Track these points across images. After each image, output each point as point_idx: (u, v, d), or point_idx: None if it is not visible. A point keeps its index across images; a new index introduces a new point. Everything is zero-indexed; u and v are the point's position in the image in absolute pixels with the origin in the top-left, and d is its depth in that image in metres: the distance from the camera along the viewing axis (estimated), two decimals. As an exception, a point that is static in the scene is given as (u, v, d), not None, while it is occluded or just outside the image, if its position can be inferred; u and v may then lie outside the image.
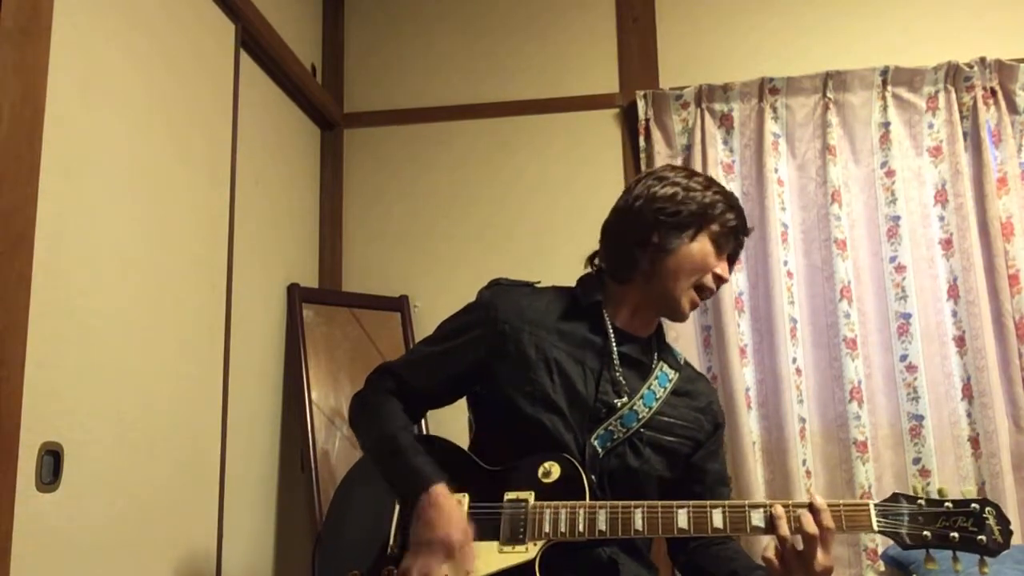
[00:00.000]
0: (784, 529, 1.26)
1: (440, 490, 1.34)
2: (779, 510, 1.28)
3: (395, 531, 1.43)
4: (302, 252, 2.76)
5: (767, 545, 1.29)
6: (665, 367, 1.51)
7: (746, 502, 1.31)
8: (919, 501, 1.27)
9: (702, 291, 1.47)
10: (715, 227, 1.44)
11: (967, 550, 1.23)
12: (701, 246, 1.44)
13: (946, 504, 1.25)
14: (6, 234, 1.38)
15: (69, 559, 1.51)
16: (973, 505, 1.24)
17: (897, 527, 1.25)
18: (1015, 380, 2.49)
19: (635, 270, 1.47)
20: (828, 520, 1.25)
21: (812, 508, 1.27)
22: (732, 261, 1.51)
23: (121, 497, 1.67)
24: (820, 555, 1.24)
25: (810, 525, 1.25)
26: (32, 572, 1.40)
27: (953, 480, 2.48)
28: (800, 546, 1.25)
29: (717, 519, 1.30)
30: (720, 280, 1.47)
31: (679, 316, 1.50)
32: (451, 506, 1.33)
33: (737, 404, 2.54)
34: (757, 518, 1.29)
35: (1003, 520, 1.23)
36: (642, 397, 1.45)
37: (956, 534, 1.23)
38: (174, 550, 1.86)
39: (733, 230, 1.46)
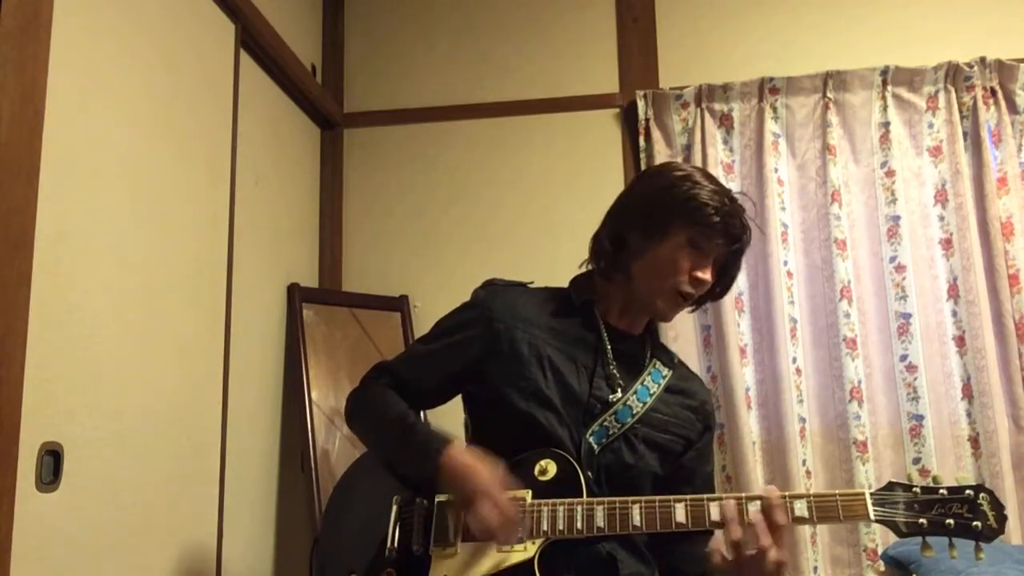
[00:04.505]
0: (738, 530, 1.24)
1: (456, 449, 1.35)
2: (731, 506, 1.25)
3: (393, 531, 1.42)
4: (302, 252, 2.76)
5: (717, 538, 1.29)
6: (658, 364, 1.51)
7: (744, 495, 1.30)
8: (914, 489, 1.27)
9: (682, 294, 1.43)
10: (690, 228, 1.39)
11: (963, 536, 1.24)
12: (672, 248, 1.41)
13: (941, 491, 1.26)
14: (6, 234, 1.38)
15: (69, 559, 1.51)
16: (968, 491, 1.25)
17: (893, 515, 1.25)
18: (1015, 380, 2.49)
19: (616, 269, 1.48)
20: (780, 516, 1.24)
21: (764, 502, 1.25)
22: (731, 264, 1.47)
23: (121, 497, 1.67)
24: (773, 550, 1.23)
25: (761, 522, 1.24)
26: (32, 572, 1.40)
27: (953, 480, 2.47)
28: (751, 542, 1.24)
29: (715, 512, 1.29)
30: (698, 282, 1.42)
31: (659, 317, 1.50)
32: (471, 460, 1.33)
33: (737, 404, 2.55)
34: (754, 510, 1.27)
35: (997, 506, 1.24)
36: (636, 393, 1.45)
37: (951, 520, 1.24)
38: (174, 550, 1.86)
39: (713, 229, 1.39)
